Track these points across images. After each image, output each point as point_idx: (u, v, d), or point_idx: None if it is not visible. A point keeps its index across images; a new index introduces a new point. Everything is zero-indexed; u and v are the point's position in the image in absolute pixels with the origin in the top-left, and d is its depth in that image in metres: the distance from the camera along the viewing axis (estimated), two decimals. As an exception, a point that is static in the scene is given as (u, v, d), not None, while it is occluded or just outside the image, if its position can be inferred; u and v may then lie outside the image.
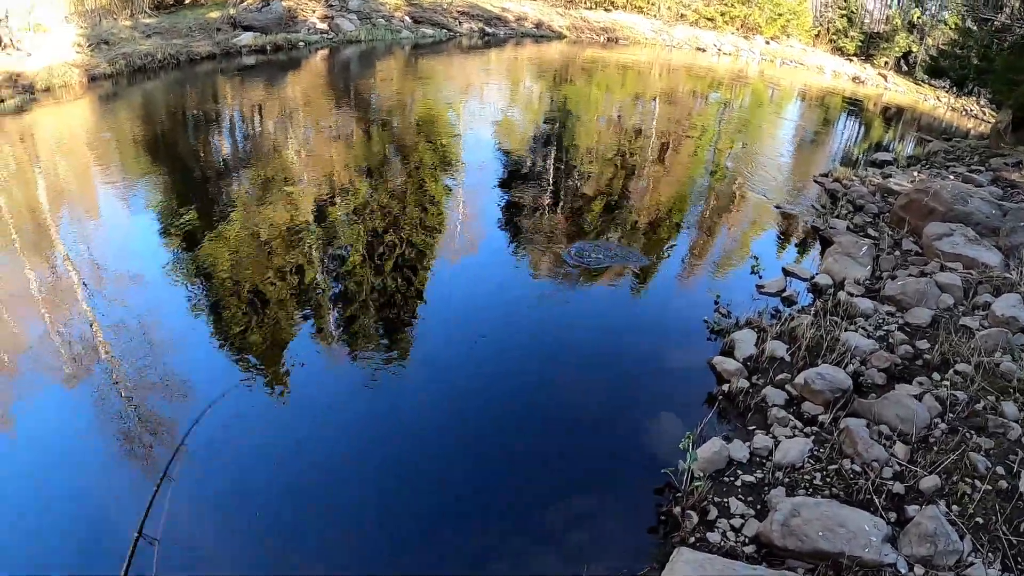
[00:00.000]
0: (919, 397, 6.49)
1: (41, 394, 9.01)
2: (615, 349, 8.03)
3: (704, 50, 36.73)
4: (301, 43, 25.67)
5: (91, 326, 10.11)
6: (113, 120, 17.62)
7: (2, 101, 17.14)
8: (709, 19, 39.80)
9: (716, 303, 8.80)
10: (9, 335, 10.42)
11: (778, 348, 7.45)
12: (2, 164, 14.52)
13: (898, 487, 5.45)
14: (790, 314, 8.37)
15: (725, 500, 5.52)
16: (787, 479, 5.72)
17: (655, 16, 39.22)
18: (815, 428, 6.35)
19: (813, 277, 9.55)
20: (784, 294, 9.14)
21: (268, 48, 24.49)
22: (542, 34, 34.67)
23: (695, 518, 5.29)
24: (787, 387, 6.90)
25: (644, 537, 5.42)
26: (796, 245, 11.51)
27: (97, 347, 9.52)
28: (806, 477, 5.71)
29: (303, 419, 6.93)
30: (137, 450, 7.00)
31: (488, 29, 33.26)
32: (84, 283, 11.34)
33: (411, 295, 9.29)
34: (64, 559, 5.50)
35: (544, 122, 18.62)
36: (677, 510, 5.39)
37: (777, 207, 13.00)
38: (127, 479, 6.40)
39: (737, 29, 39.85)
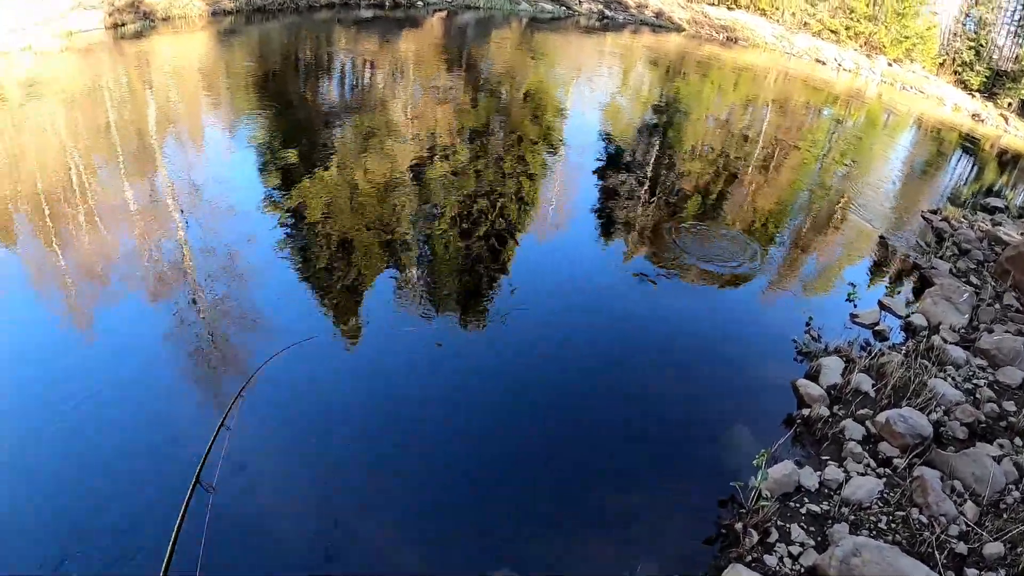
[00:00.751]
0: (998, 460, 6.21)
1: (123, 307, 9.42)
2: (699, 351, 7.91)
3: (824, 63, 35.40)
4: (420, 2, 25.85)
5: (181, 249, 10.49)
6: (228, 55, 18.13)
7: (123, 25, 17.80)
8: (832, 31, 38.30)
9: (808, 325, 8.54)
10: (103, 246, 10.91)
11: (864, 382, 7.20)
12: (116, 85, 15.12)
13: (961, 547, 5.23)
14: (880, 349, 8.07)
15: (787, 525, 5.38)
16: (852, 516, 5.55)
17: (778, 21, 37.97)
18: (888, 470, 6.14)
19: (909, 316, 9.16)
20: (877, 327, 8.80)
21: (387, 3, 24.75)
22: (661, 24, 34.00)
23: (755, 537, 5.17)
24: (867, 423, 6.67)
25: (700, 546, 5.33)
26: (894, 278, 11.04)
27: (184, 270, 9.87)
28: (872, 518, 5.53)
29: (369, 374, 7.04)
30: (202, 380, 7.28)
31: (607, 12, 32.81)
32: (180, 207, 11.76)
33: (495, 265, 9.30)
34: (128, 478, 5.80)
35: (651, 113, 18.31)
36: (739, 526, 5.28)
37: (880, 236, 12.50)
38: (187, 409, 6.64)
39: (860, 46, 38.25)
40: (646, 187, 12.54)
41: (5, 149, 13.42)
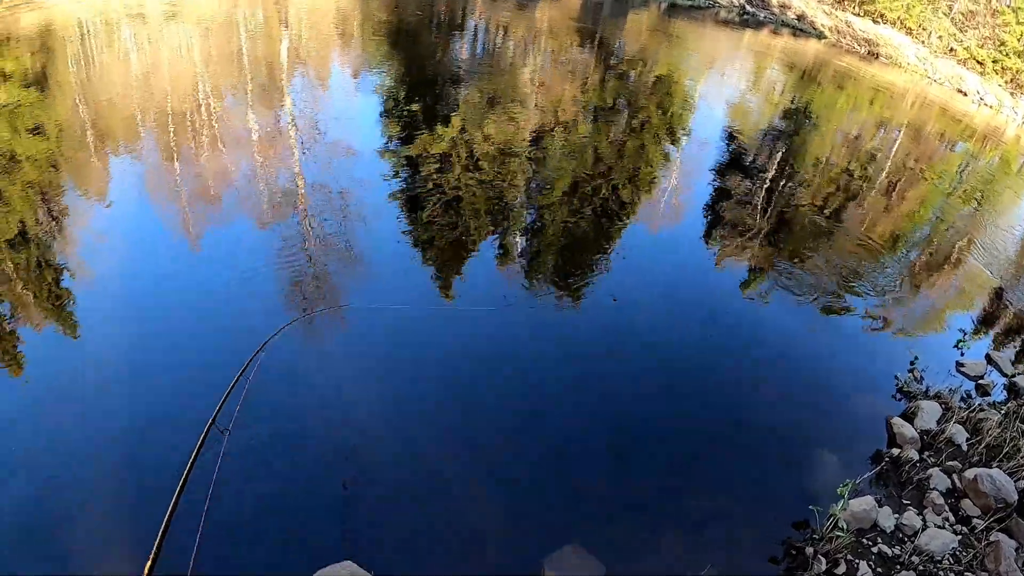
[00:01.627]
0: (1079, 544, 5.94)
1: (229, 226, 9.87)
2: (796, 369, 7.75)
3: (965, 94, 33.39)
4: (560, -29, 25.61)
5: (294, 181, 10.89)
6: (364, 3, 18.41)
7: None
8: (979, 62, 36.03)
9: (912, 364, 8.25)
10: (220, 167, 11.42)
11: (958, 433, 6.95)
12: (252, 18, 15.58)
13: (1019, 624, 5.09)
14: (981, 404, 7.74)
15: (857, 561, 5.31)
16: (922, 567, 5.42)
17: (923, 42, 35.98)
18: (966, 529, 5.94)
19: (1015, 376, 8.74)
20: (981, 380, 8.42)
21: (526, -33, 24.64)
22: (801, 28, 32.74)
23: (824, 566, 5.13)
24: (954, 476, 6.46)
25: (767, 562, 5.32)
26: (1006, 333, 10.51)
27: (294, 201, 10.25)
28: (940, 573, 5.41)
29: (442, 343, 7.17)
30: (289, 305, 7.65)
31: (749, 8, 31.80)
32: (300, 141, 12.17)
33: (598, 246, 9.31)
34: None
35: (779, 118, 17.77)
36: (809, 551, 5.25)
37: (998, 287, 11.90)
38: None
39: (1007, 82, 35.94)
40: (762, 194, 12.26)
41: (141, 64, 14.09)
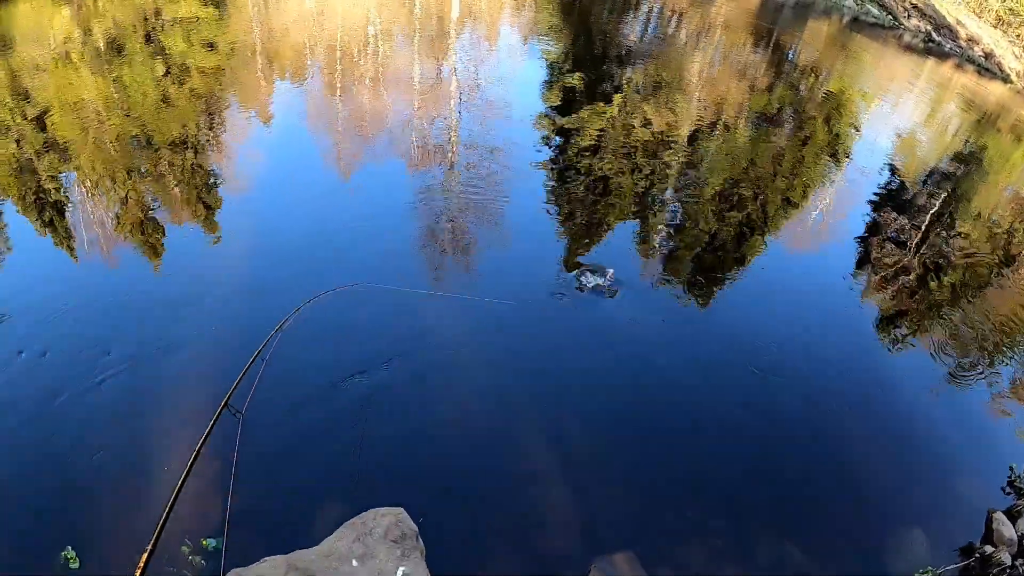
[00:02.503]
0: None
1: (379, 167, 10.14)
2: (909, 431, 7.19)
3: None
4: (744, -32, 24.70)
5: (448, 133, 11.03)
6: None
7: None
8: None
9: (1033, 459, 7.55)
10: (379, 110, 11.69)
11: (1069, 546, 6.36)
12: None
13: None
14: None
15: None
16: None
17: None
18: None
19: None
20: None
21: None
22: (987, 67, 30.44)
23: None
24: (1050, 590, 5.95)
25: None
26: None
27: (444, 152, 10.40)
28: None
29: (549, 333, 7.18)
30: (423, 253, 7.87)
31: (934, 36, 29.78)
32: (459, 95, 12.30)
33: (736, 253, 9.01)
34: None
35: (947, 159, 16.65)
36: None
37: None
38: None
39: None
40: (915, 237, 11.55)
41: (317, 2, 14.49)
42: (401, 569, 4.21)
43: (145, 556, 4.70)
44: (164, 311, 7.08)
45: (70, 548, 4.88)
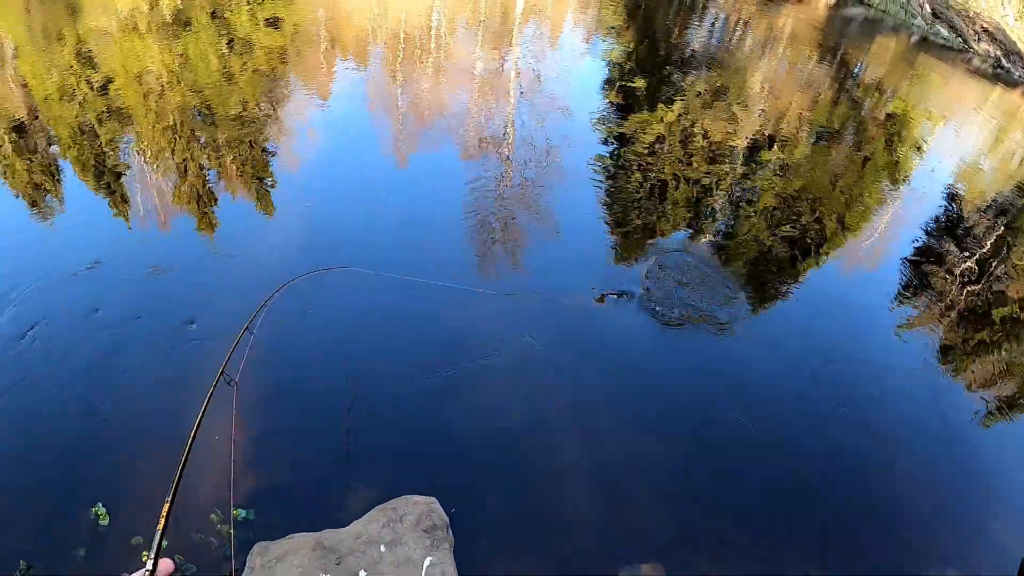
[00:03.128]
0: None
1: (435, 154, 10.15)
2: (947, 466, 6.82)
3: None
4: (816, -23, 24.24)
5: (505, 126, 10.98)
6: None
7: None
8: None
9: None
10: (437, 99, 11.69)
11: None
12: None
13: None
14: None
15: None
16: None
17: None
18: None
19: None
20: None
21: (781, -32, 23.48)
22: (1059, 98, 29.49)
23: None
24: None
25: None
26: None
27: (499, 145, 10.35)
28: None
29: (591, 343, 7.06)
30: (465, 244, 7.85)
31: (1004, 62, 28.86)
32: (519, 88, 12.25)
33: (787, 273, 8.81)
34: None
35: (1011, 191, 16.13)
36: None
37: None
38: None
39: None
40: (971, 269, 11.16)
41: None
42: (429, 559, 4.17)
43: (166, 507, 4.73)
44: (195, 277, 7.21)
45: (100, 504, 4.96)
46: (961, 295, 10.06)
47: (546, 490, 5.52)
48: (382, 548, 4.20)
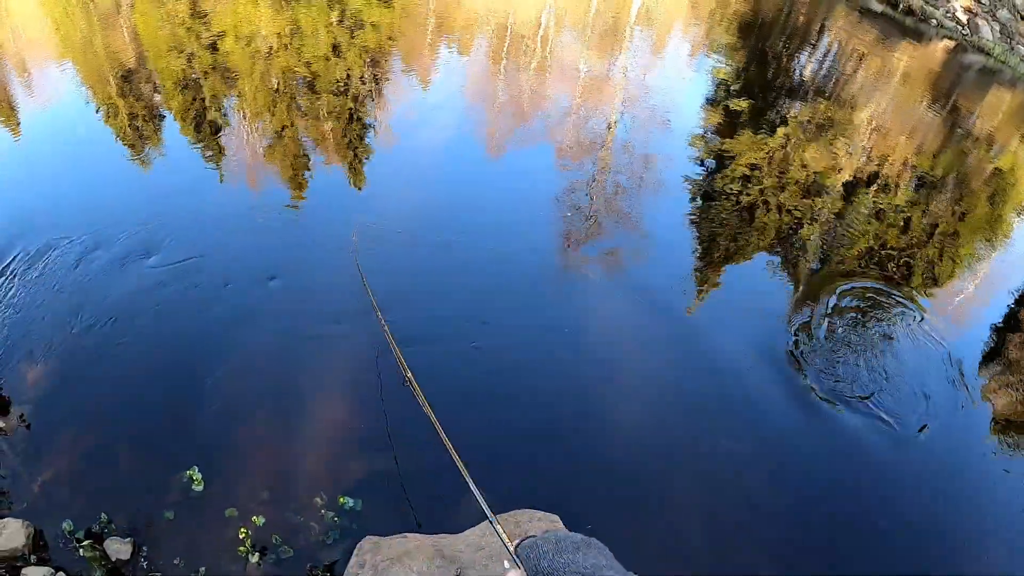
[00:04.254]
0: None
1: (529, 152, 10.16)
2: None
3: None
4: (933, 20, 23.33)
5: (605, 131, 10.93)
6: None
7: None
8: None
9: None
10: (539, 96, 11.69)
11: None
12: None
13: None
14: None
15: None
16: None
17: None
18: None
19: None
20: None
21: (900, 5, 22.70)
22: None
23: None
24: None
25: None
26: None
27: (597, 151, 10.34)
28: None
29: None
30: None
31: (1121, 127, 27.53)
32: (623, 96, 12.15)
33: (867, 327, 8.51)
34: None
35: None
36: None
37: None
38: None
39: None
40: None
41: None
42: None
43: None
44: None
45: (196, 468, 5.01)
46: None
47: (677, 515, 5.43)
48: (506, 564, 4.07)
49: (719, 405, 6.56)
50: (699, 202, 9.70)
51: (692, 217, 9.34)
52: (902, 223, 10.78)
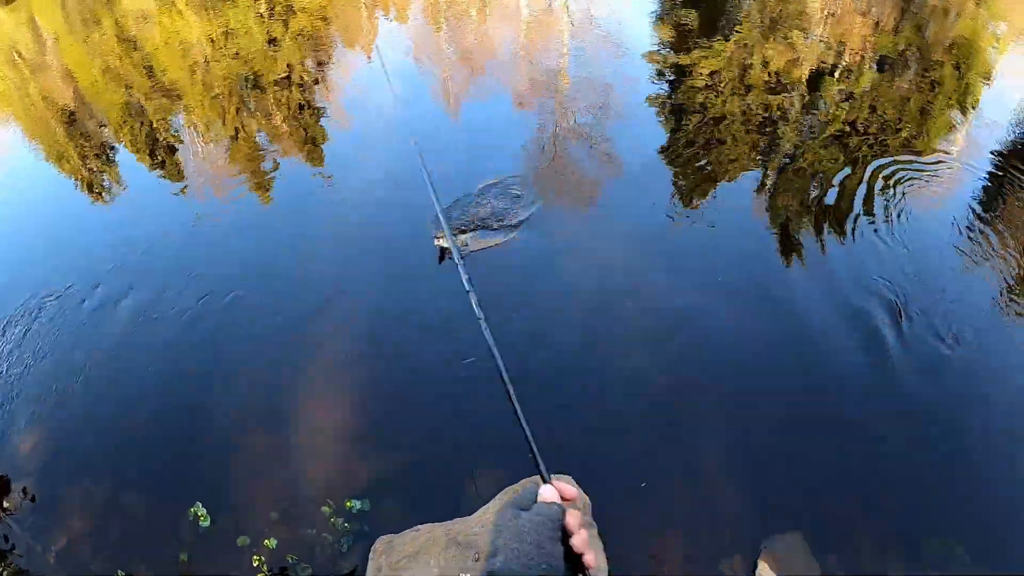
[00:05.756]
0: None
1: (486, 96, 10.04)
2: None
3: None
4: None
5: (557, 64, 10.56)
6: None
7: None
8: None
9: None
10: (484, 46, 11.31)
11: None
12: None
13: None
14: None
15: None
16: None
17: None
18: None
19: None
20: None
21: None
22: None
23: None
24: None
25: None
26: None
27: (553, 86, 9.98)
28: None
29: None
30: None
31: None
32: (571, 28, 11.76)
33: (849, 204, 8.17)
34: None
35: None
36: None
37: None
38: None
39: None
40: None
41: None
42: None
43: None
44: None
45: (199, 504, 4.79)
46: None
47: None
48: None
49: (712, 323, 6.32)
50: (664, 119, 9.42)
51: (659, 135, 9.04)
52: (869, 107, 10.41)
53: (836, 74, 10.98)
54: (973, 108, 11.86)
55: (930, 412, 5.67)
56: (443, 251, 6.69)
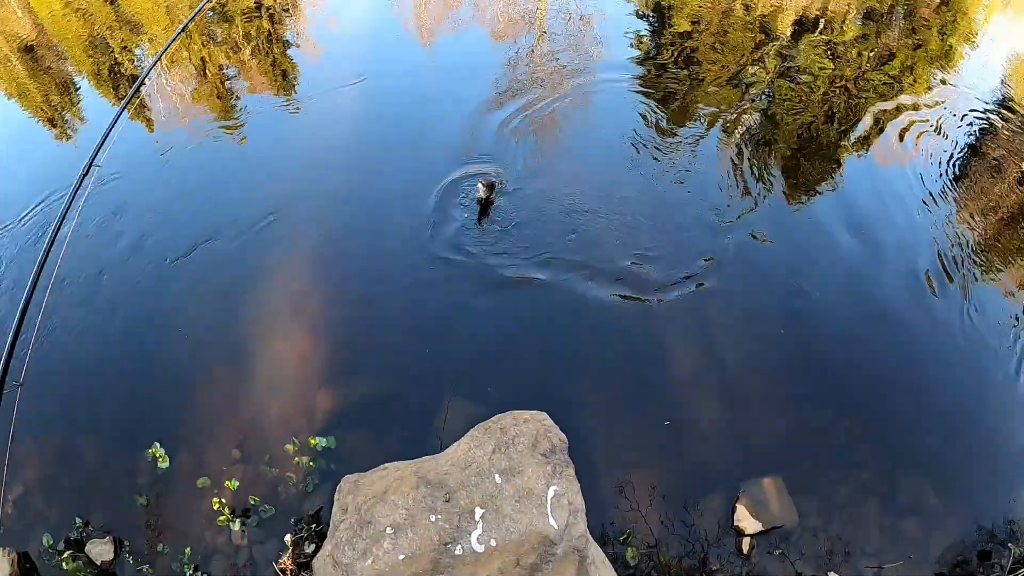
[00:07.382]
0: None
1: (463, 37, 10.06)
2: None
3: None
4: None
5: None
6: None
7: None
8: None
9: None
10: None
11: None
12: None
13: None
14: None
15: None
16: None
17: None
18: None
19: None
20: None
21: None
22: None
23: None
24: None
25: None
26: None
27: (533, 21, 9.77)
28: None
29: None
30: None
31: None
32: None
33: (826, 163, 7.93)
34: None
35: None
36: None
37: None
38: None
39: None
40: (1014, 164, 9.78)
41: None
42: (552, 489, 3.45)
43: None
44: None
45: (157, 444, 4.48)
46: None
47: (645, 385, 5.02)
48: (497, 479, 3.46)
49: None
50: (644, 60, 9.24)
51: (638, 76, 8.80)
52: (854, 60, 10.17)
53: (820, 27, 10.71)
54: (953, 73, 11.43)
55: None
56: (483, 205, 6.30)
